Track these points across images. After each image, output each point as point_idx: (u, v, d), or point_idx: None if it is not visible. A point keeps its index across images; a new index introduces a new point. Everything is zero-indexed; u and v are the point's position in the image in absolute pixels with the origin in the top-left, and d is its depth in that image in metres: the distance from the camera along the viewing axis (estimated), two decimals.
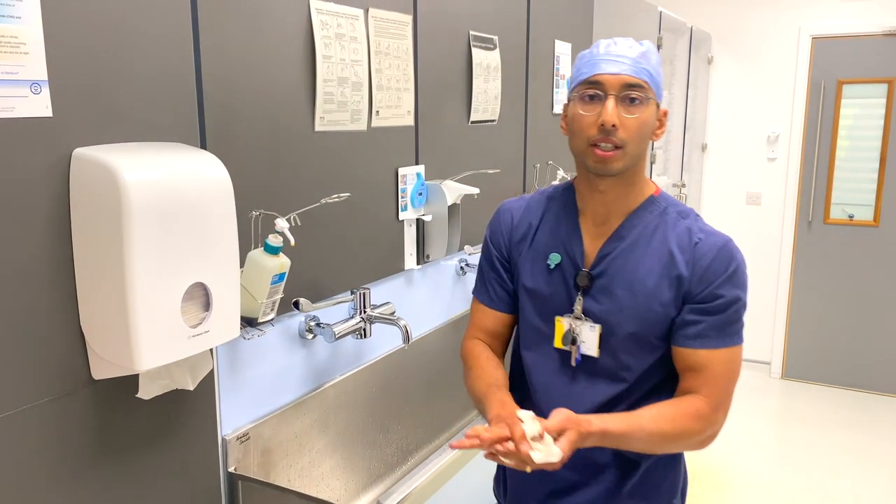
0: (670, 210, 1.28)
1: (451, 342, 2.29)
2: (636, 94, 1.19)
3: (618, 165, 1.21)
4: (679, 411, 1.20)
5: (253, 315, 1.39)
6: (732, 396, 1.24)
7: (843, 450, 3.51)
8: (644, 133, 1.21)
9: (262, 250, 1.36)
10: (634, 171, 1.25)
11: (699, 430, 1.20)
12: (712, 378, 1.21)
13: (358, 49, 1.69)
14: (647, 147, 1.24)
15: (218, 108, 1.35)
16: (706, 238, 1.24)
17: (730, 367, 1.22)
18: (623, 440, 1.18)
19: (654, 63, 1.22)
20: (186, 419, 1.35)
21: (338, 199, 1.45)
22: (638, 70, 1.19)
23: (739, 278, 1.22)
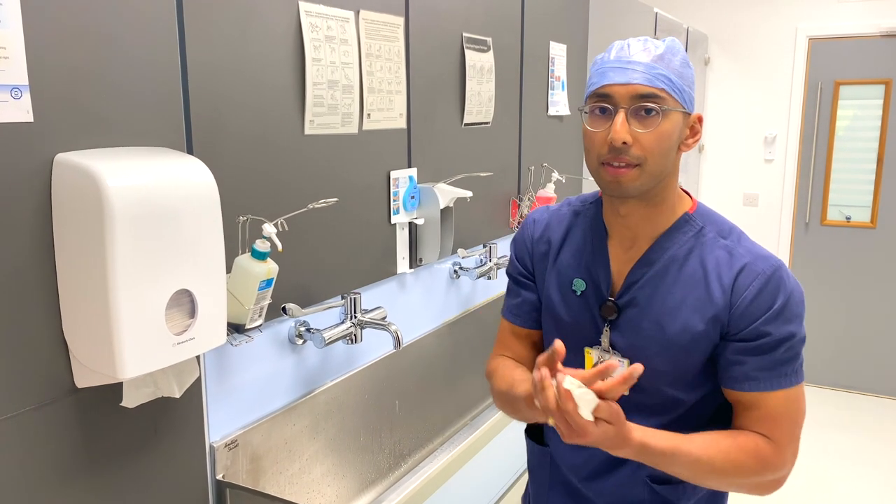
0: (708, 229, 1.11)
1: (444, 346, 2.27)
2: (651, 104, 1.03)
3: (634, 185, 1.06)
4: (736, 444, 1.05)
5: (240, 321, 1.37)
6: (799, 439, 1.08)
7: (838, 452, 3.50)
8: (666, 147, 1.05)
9: (250, 256, 1.34)
10: (661, 190, 1.09)
11: (755, 469, 1.05)
12: (770, 419, 1.06)
13: (348, 51, 1.68)
14: (674, 161, 1.09)
15: (205, 112, 1.34)
16: (751, 264, 1.06)
17: (790, 408, 1.06)
18: (664, 460, 1.03)
19: (677, 65, 1.05)
20: (173, 427, 1.33)
21: (325, 204, 1.43)
22: (652, 77, 1.03)
23: (792, 311, 1.05)
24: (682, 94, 1.05)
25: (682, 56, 1.07)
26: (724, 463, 1.04)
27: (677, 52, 1.07)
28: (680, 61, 1.07)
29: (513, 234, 2.69)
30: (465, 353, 2.41)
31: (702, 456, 1.04)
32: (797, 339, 1.06)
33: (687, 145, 1.10)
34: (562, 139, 3.02)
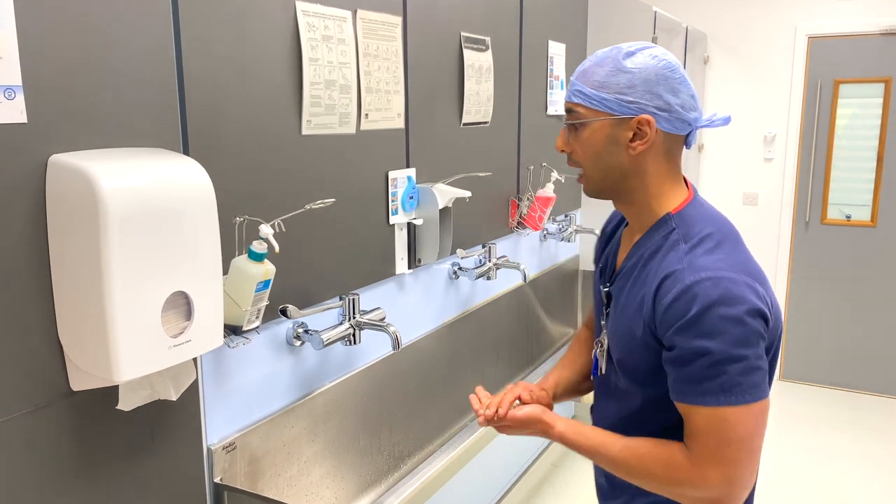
0: (676, 234, 1.11)
1: (444, 347, 2.26)
2: (571, 119, 1.13)
3: (587, 187, 1.17)
4: (653, 452, 1.09)
5: (237, 323, 1.36)
6: (737, 461, 1.01)
7: (840, 451, 3.49)
8: (593, 153, 1.12)
9: (247, 257, 1.33)
10: (626, 191, 1.14)
11: (665, 478, 1.07)
12: (691, 434, 1.05)
13: (346, 51, 1.67)
14: (618, 164, 1.12)
15: (201, 112, 1.33)
16: (680, 272, 1.05)
17: (715, 427, 1.01)
18: (585, 454, 1.17)
19: (601, 76, 1.09)
20: (170, 429, 1.32)
21: (322, 204, 1.42)
22: (570, 94, 1.13)
23: (708, 326, 1.00)
24: (602, 103, 1.09)
25: (612, 65, 1.09)
26: (637, 468, 1.10)
27: (605, 63, 1.10)
28: (607, 71, 1.09)
29: (512, 234, 2.68)
30: (464, 354, 2.40)
31: (617, 457, 1.12)
32: (714, 358, 1.00)
33: (633, 148, 1.10)
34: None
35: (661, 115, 1.09)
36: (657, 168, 1.12)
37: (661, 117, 1.09)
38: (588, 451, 1.16)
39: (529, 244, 2.88)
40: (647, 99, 1.08)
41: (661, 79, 1.08)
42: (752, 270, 1.06)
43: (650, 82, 1.08)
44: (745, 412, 1.01)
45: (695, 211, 1.14)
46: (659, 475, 1.08)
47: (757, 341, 1.02)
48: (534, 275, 2.93)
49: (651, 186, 1.13)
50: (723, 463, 1.02)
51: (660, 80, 1.08)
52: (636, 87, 1.08)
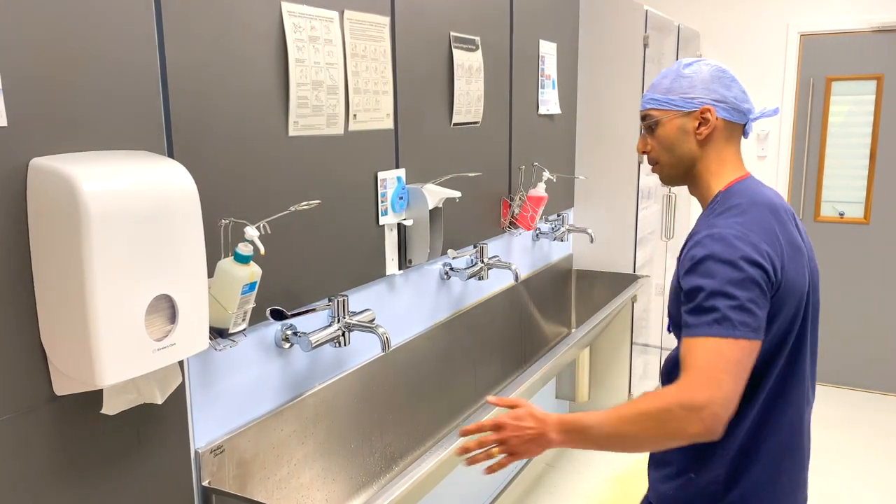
0: (719, 207, 1.31)
1: (435, 347, 2.26)
2: (647, 122, 1.39)
3: (662, 177, 1.43)
4: (646, 396, 1.18)
5: (224, 325, 1.36)
6: (721, 385, 1.12)
7: (834, 449, 3.50)
8: (668, 145, 1.37)
9: (232, 259, 1.33)
10: (694, 175, 1.38)
11: (661, 408, 1.13)
12: (688, 363, 1.16)
13: (333, 52, 1.66)
14: (688, 151, 1.35)
15: (185, 114, 1.32)
16: (700, 232, 1.26)
17: (708, 355, 1.14)
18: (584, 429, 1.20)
19: (667, 84, 1.36)
20: (157, 433, 1.32)
21: (308, 206, 1.42)
22: (645, 103, 1.39)
23: (703, 268, 1.19)
24: (670, 103, 1.35)
25: (673, 73, 1.36)
26: (631, 412, 1.17)
27: (668, 74, 1.37)
28: (671, 79, 1.36)
29: (504, 234, 2.67)
30: (456, 355, 2.40)
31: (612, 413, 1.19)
32: (706, 293, 1.17)
33: (699, 133, 1.34)
34: (553, 138, 3.01)
35: (720, 105, 1.33)
36: (718, 153, 1.35)
37: (720, 107, 1.33)
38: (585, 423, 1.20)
39: (522, 244, 2.88)
40: (705, 94, 1.33)
41: (714, 78, 1.34)
42: (763, 231, 1.23)
43: (706, 81, 1.33)
44: (732, 344, 1.14)
45: (738, 188, 1.33)
46: (650, 411, 1.14)
47: (750, 287, 1.17)
48: (526, 274, 2.93)
49: (712, 167, 1.36)
50: (708, 385, 1.11)
51: (714, 79, 1.34)
52: (696, 86, 1.33)
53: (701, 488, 1.30)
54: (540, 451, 1.25)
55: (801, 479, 1.34)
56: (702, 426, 1.10)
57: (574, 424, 1.22)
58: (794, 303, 1.25)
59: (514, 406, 1.28)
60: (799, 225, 1.36)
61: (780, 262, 1.22)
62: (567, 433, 1.22)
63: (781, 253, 1.23)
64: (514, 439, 1.24)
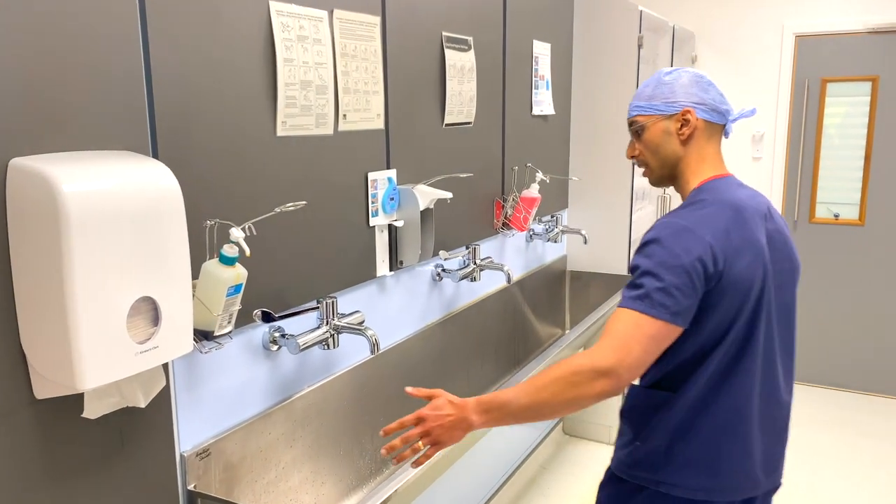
0: (687, 201, 1.43)
1: (427, 350, 2.24)
2: (634, 128, 1.50)
3: (651, 179, 1.52)
4: (552, 367, 1.29)
5: (209, 328, 1.34)
6: (630, 351, 1.24)
7: (830, 451, 3.49)
8: (654, 147, 1.47)
9: (217, 261, 1.31)
10: (675, 175, 1.48)
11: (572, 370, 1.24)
12: (608, 329, 1.28)
13: (322, 51, 1.65)
14: (672, 152, 1.46)
15: (171, 114, 1.31)
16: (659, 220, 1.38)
17: (625, 325, 1.26)
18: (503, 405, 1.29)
19: (649, 92, 1.47)
20: (141, 437, 1.30)
21: (294, 207, 1.40)
22: (631, 110, 1.50)
23: (645, 250, 1.33)
24: (653, 108, 1.45)
25: (655, 81, 1.47)
26: (544, 378, 1.27)
27: (650, 83, 1.48)
28: (653, 87, 1.46)
29: (497, 235, 2.66)
30: (449, 356, 2.38)
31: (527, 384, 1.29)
32: (643, 271, 1.30)
33: (682, 133, 1.44)
34: (546, 139, 3.00)
35: (699, 107, 1.43)
36: (699, 151, 1.45)
37: (699, 108, 1.43)
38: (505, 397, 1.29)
39: (515, 245, 2.86)
40: (685, 97, 1.43)
41: (693, 83, 1.44)
42: (713, 227, 1.32)
43: (685, 86, 1.44)
44: (649, 321, 1.26)
45: (710, 185, 1.43)
46: (564, 375, 1.25)
47: (680, 274, 1.27)
48: (520, 275, 2.91)
49: (692, 166, 1.46)
50: (618, 349, 1.24)
51: (692, 83, 1.44)
52: (676, 91, 1.44)
53: (644, 455, 1.42)
54: (463, 435, 1.31)
55: (745, 467, 1.41)
56: (607, 385, 1.23)
57: (492, 403, 1.30)
58: (739, 297, 1.33)
59: (431, 396, 1.34)
60: (771, 226, 1.41)
61: (724, 257, 1.30)
62: (487, 412, 1.30)
63: (727, 249, 1.31)
64: (437, 429, 1.30)
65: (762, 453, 1.43)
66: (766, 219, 1.41)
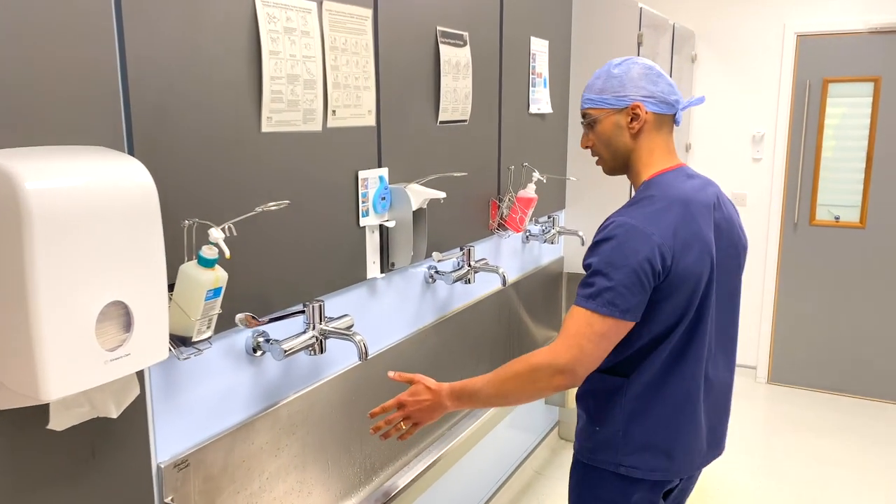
0: (637, 196, 1.46)
1: (420, 353, 2.18)
2: (587, 121, 1.53)
3: (605, 169, 1.57)
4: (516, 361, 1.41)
5: (187, 333, 1.27)
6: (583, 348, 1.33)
7: (831, 456, 3.44)
8: (606, 140, 1.51)
9: (196, 263, 1.24)
10: (627, 165, 1.52)
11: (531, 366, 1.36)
12: (563, 327, 1.37)
13: (310, 44, 1.58)
14: (623, 145, 1.50)
15: (148, 107, 1.24)
16: (611, 216, 1.42)
17: (578, 323, 1.34)
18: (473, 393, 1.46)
19: (599, 85, 1.49)
20: (114, 448, 1.23)
21: (276, 206, 1.33)
22: (583, 103, 1.54)
23: (597, 248, 1.38)
24: (604, 102, 1.48)
25: (605, 74, 1.49)
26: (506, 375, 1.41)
27: (601, 76, 1.50)
28: (603, 80, 1.49)
29: (493, 236, 2.60)
30: (442, 360, 2.32)
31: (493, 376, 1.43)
32: (594, 270, 1.36)
33: (632, 127, 1.47)
34: (543, 138, 2.93)
35: (648, 101, 1.46)
36: (649, 143, 1.48)
37: (648, 102, 1.46)
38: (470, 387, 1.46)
39: (511, 246, 2.80)
40: (634, 91, 1.46)
41: (642, 76, 1.46)
42: (662, 224, 1.36)
43: (634, 79, 1.46)
44: (599, 319, 1.33)
45: (658, 179, 1.46)
46: (524, 371, 1.37)
47: (628, 273, 1.33)
48: (516, 277, 2.85)
49: (643, 158, 1.49)
50: (572, 347, 1.33)
51: (641, 76, 1.46)
52: (626, 85, 1.46)
53: (604, 440, 1.51)
54: (438, 416, 1.53)
55: (696, 446, 1.52)
56: (564, 380, 1.34)
57: (463, 391, 1.47)
58: (688, 290, 1.39)
59: (411, 381, 1.56)
60: (719, 215, 1.47)
61: (672, 254, 1.36)
62: (458, 399, 1.48)
63: (675, 246, 1.36)
64: (416, 413, 1.53)
65: (708, 431, 1.54)
66: (714, 209, 1.46)
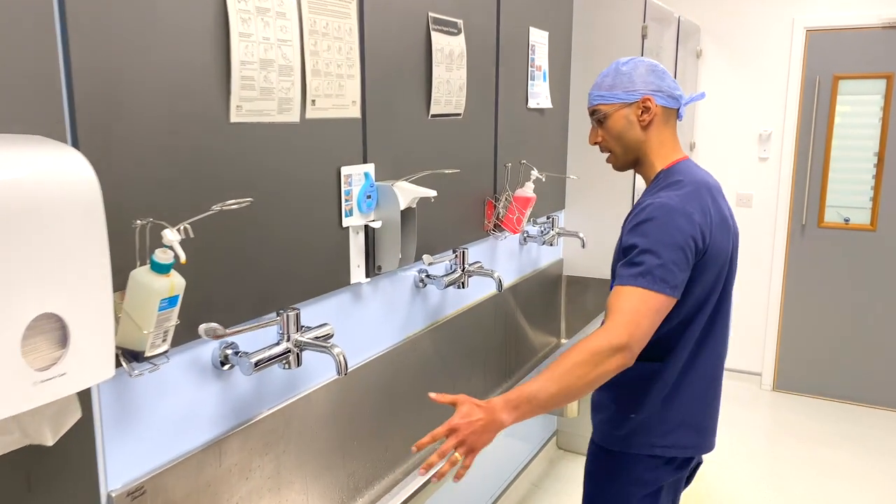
0: (662, 182, 1.51)
1: (408, 363, 2.03)
2: (597, 117, 1.58)
3: (616, 164, 1.61)
4: (574, 347, 1.33)
5: (139, 347, 1.13)
6: (639, 325, 1.32)
7: (837, 466, 3.30)
8: (617, 134, 1.55)
9: (149, 268, 1.10)
10: (638, 159, 1.57)
11: (591, 350, 1.30)
12: (614, 308, 1.35)
13: (287, 27, 1.44)
14: (635, 138, 1.54)
15: (95, 93, 1.09)
16: (647, 199, 1.45)
17: (631, 301, 1.34)
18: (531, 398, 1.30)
19: (609, 81, 1.54)
20: (54, 477, 1.09)
21: (237, 205, 1.19)
22: (592, 99, 1.58)
23: (641, 229, 1.40)
24: (614, 97, 1.53)
25: (613, 71, 1.55)
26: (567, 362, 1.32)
27: (609, 73, 1.56)
28: (612, 77, 1.54)
29: (488, 237, 2.45)
30: (433, 370, 2.17)
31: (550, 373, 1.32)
32: (642, 249, 1.38)
33: (643, 120, 1.53)
34: (542, 134, 2.79)
35: (658, 94, 1.52)
36: (659, 135, 1.55)
37: (658, 95, 1.52)
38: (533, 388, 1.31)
39: (508, 248, 2.65)
40: (644, 86, 1.52)
41: (649, 71, 1.53)
42: (701, 205, 1.43)
43: (643, 74, 1.53)
44: (651, 296, 1.35)
45: (678, 167, 1.53)
46: (585, 359, 1.30)
47: (676, 250, 1.37)
48: (513, 281, 2.71)
49: (655, 149, 1.55)
50: (630, 324, 1.32)
51: (649, 72, 1.53)
52: (635, 80, 1.52)
53: (639, 424, 1.53)
54: (493, 436, 1.31)
55: (714, 424, 1.59)
56: (623, 360, 1.31)
57: (519, 398, 1.31)
58: (717, 268, 1.46)
59: (455, 403, 1.32)
60: (726, 201, 1.56)
61: (710, 232, 1.42)
62: (516, 409, 1.30)
63: (711, 224, 1.43)
64: (471, 436, 1.28)
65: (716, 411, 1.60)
66: (722, 194, 1.55)
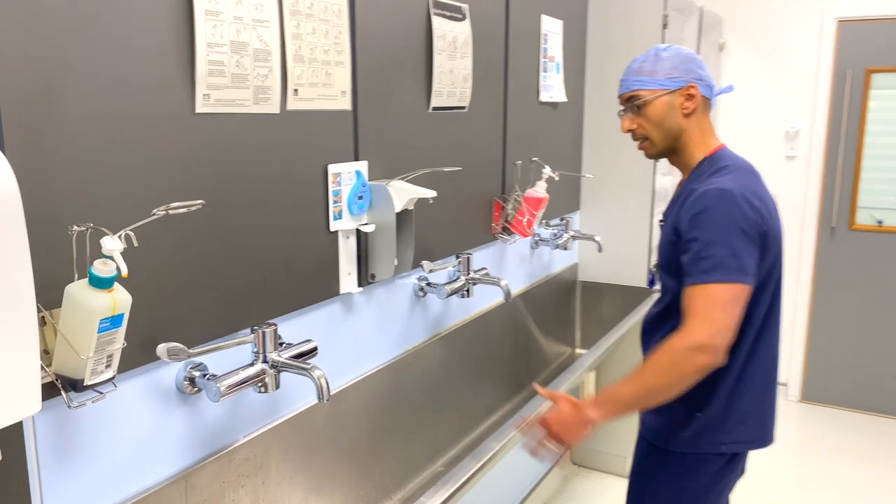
0: (708, 169, 1.49)
1: (407, 379, 1.86)
2: (634, 103, 1.52)
3: (651, 152, 1.56)
4: (655, 351, 1.36)
5: (78, 375, 0.96)
6: (718, 321, 1.31)
7: (868, 483, 3.09)
8: (658, 121, 1.51)
9: (87, 283, 0.94)
10: (681, 145, 1.53)
11: (671, 352, 1.33)
12: (689, 309, 1.35)
13: (263, 5, 1.27)
14: (681, 124, 1.50)
15: (23, 79, 0.93)
16: (701, 187, 1.41)
17: (706, 299, 1.33)
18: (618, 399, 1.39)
19: (650, 67, 1.50)
20: None
21: (186, 208, 1.02)
22: (630, 84, 1.52)
23: (702, 220, 1.37)
24: (656, 83, 1.49)
25: (653, 56, 1.51)
26: (649, 365, 1.37)
27: (648, 59, 1.51)
28: (652, 62, 1.50)
29: (496, 241, 2.28)
30: (436, 385, 2.00)
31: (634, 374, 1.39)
32: (702, 243, 1.36)
33: (686, 108, 1.50)
34: (556, 130, 2.61)
35: (700, 83, 1.50)
36: (700, 124, 1.52)
37: (701, 84, 1.50)
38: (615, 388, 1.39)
39: (517, 253, 2.48)
40: (686, 73, 1.49)
41: (689, 59, 1.50)
42: (753, 189, 1.40)
43: (685, 61, 1.50)
44: (725, 288, 1.33)
45: (721, 153, 1.52)
46: (664, 361, 1.34)
47: (743, 237, 1.34)
48: (524, 288, 2.53)
49: (695, 138, 1.52)
50: (705, 323, 1.32)
51: (689, 60, 1.50)
52: (677, 67, 1.49)
53: (706, 423, 1.49)
54: (583, 432, 1.42)
55: (774, 408, 1.55)
56: (705, 358, 1.31)
57: (607, 397, 1.41)
58: (774, 252, 1.43)
59: (552, 397, 1.49)
60: None
61: (768, 214, 1.41)
62: (603, 406, 1.40)
63: (766, 208, 1.41)
64: (560, 430, 1.44)
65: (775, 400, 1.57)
66: None
